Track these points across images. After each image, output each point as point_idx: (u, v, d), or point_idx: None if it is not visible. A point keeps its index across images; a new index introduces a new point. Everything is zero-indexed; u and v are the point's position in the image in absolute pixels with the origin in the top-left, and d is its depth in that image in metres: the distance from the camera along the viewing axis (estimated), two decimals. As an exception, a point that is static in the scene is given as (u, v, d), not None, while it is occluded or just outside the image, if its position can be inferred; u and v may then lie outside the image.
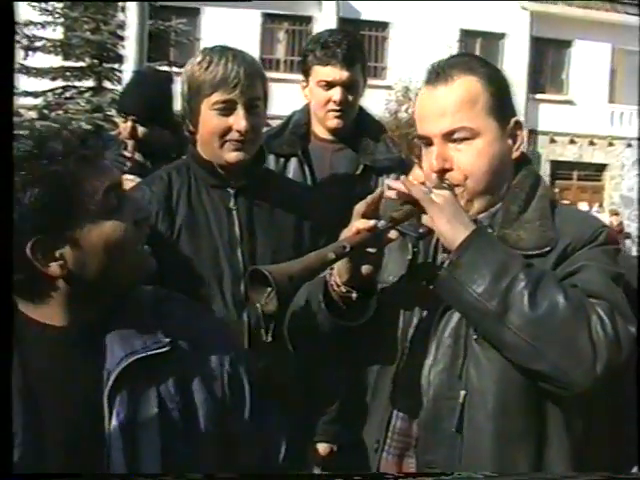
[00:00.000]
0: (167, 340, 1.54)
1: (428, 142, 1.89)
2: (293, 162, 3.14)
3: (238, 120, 2.33)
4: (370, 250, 1.78)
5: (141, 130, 3.48)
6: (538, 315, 1.67)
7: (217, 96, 2.33)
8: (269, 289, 1.57)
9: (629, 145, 26.13)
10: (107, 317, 1.55)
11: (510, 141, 1.91)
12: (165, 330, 1.56)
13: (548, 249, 1.81)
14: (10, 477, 1.42)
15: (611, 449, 2.25)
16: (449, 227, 1.75)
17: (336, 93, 3.08)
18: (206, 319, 1.75)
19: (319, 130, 3.20)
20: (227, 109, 2.34)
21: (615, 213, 22.15)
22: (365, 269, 1.80)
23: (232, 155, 2.37)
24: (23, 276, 1.46)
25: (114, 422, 1.49)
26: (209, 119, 2.37)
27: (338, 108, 3.09)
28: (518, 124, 1.93)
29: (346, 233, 1.76)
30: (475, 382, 1.79)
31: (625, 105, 25.28)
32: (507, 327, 1.69)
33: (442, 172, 1.86)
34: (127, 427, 1.49)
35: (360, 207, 1.79)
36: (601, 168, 26.95)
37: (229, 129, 2.35)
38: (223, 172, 2.42)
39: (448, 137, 1.85)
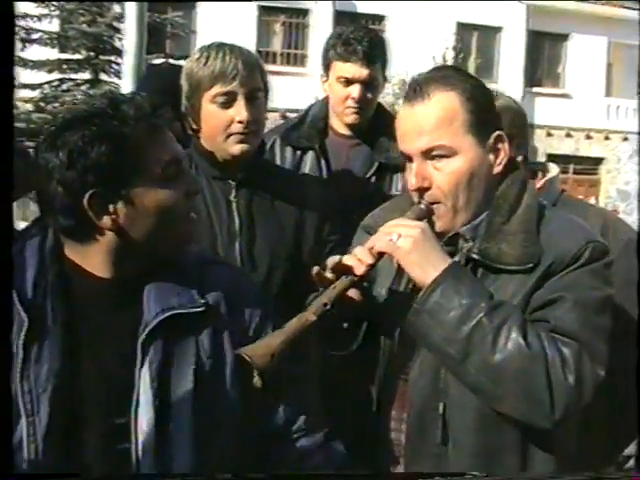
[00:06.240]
0: (202, 301, 1.64)
1: (408, 159, 1.89)
2: (310, 155, 3.13)
3: (239, 111, 2.34)
4: (352, 296, 1.81)
5: None
6: (497, 361, 1.70)
7: (217, 89, 2.34)
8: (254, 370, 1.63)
9: (625, 139, 26.13)
10: (149, 273, 1.63)
11: (491, 156, 1.88)
12: (203, 291, 1.66)
13: (530, 266, 1.80)
14: (10, 477, 1.45)
15: (597, 457, 2.29)
16: (418, 270, 1.78)
17: (355, 90, 3.07)
18: (244, 283, 1.83)
19: (337, 125, 3.19)
20: (228, 101, 2.34)
21: (615, 211, 22.10)
22: (354, 298, 1.84)
23: (236, 147, 2.37)
24: (75, 222, 1.56)
25: (146, 372, 1.57)
26: (210, 113, 2.38)
27: (356, 105, 3.08)
28: (500, 138, 1.89)
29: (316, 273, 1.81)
30: (455, 395, 1.80)
31: (621, 99, 25.30)
32: (469, 370, 1.72)
33: (421, 190, 1.86)
34: (159, 378, 1.57)
35: (331, 261, 1.83)
36: (598, 162, 26.95)
37: (231, 121, 2.35)
38: (225, 164, 2.42)
39: (427, 155, 1.84)
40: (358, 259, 1.78)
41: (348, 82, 3.09)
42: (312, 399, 1.79)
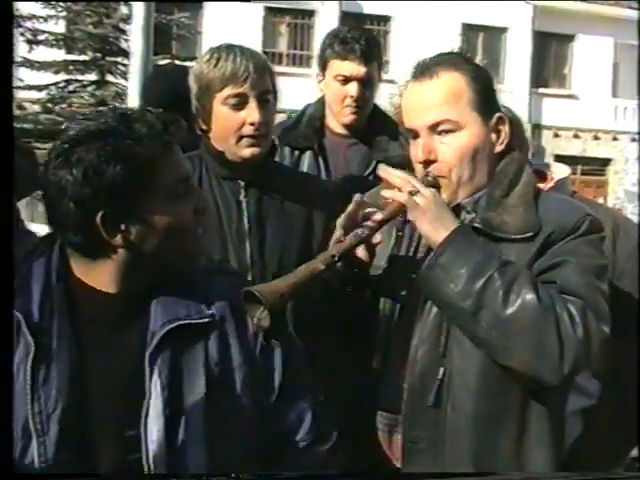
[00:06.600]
0: (209, 312, 1.65)
1: (415, 135, 1.96)
2: (308, 155, 3.15)
3: (251, 113, 2.34)
4: (360, 256, 1.84)
5: None
6: (509, 314, 1.75)
7: (228, 91, 2.34)
8: (262, 307, 1.65)
9: (633, 140, 26.08)
10: (156, 285, 1.64)
11: (494, 135, 1.97)
12: (210, 301, 1.67)
13: (531, 234, 1.86)
14: (10, 477, 1.46)
15: (593, 433, 2.31)
16: (431, 228, 1.84)
17: (353, 88, 3.09)
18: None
19: (334, 124, 3.21)
20: (239, 103, 2.35)
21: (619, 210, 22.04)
22: (361, 258, 1.86)
23: (248, 151, 2.38)
24: (85, 239, 1.56)
25: (156, 381, 1.57)
26: (222, 115, 2.38)
27: (354, 104, 3.11)
28: (501, 119, 1.98)
29: (334, 243, 1.83)
30: (458, 361, 1.86)
31: (629, 100, 25.25)
32: (480, 324, 1.77)
33: (427, 163, 1.93)
34: (169, 387, 1.58)
35: (341, 220, 1.87)
36: (605, 163, 26.91)
37: (242, 123, 2.36)
38: (235, 165, 2.43)
39: (433, 129, 1.92)
40: (383, 197, 1.85)
41: (346, 80, 3.11)
42: (320, 406, 1.78)
